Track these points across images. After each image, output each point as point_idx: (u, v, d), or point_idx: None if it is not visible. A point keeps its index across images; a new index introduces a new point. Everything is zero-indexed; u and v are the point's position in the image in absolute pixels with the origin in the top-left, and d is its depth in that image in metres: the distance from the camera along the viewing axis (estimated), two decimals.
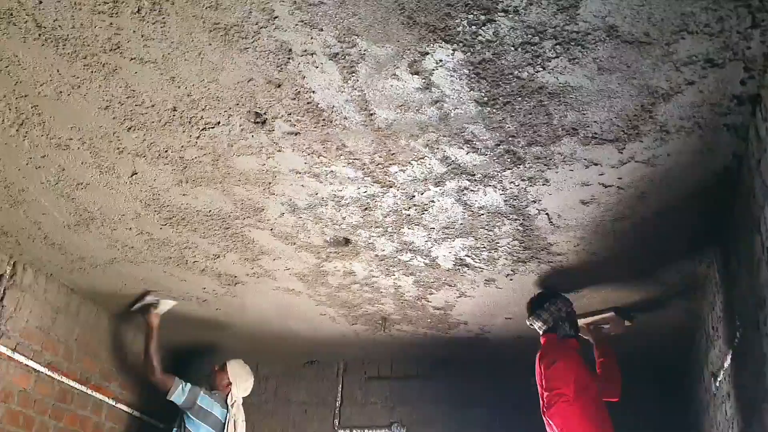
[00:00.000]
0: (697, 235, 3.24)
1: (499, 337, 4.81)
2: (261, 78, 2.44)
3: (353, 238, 3.56)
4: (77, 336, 4.59)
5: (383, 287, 4.15)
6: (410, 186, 3.05)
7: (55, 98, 2.65)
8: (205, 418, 4.55)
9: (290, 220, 3.43)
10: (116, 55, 2.38)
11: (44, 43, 2.35)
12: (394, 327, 4.81)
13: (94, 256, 4.00)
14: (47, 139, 2.91)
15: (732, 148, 2.60)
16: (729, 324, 3.10)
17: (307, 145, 2.81)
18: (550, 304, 3.70)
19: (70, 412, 4.50)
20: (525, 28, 2.11)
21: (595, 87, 2.34)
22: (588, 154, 2.70)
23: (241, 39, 2.26)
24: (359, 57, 2.31)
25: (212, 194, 3.23)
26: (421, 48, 2.24)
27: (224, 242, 3.70)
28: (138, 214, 3.47)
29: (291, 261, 3.88)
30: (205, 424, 4.53)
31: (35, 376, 4.18)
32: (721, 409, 3.48)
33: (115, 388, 5.00)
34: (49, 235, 3.75)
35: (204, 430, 4.52)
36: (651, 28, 2.08)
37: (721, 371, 3.35)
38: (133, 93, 2.58)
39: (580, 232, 3.29)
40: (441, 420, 5.29)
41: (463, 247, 3.54)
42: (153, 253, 3.89)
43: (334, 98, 2.52)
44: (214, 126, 2.74)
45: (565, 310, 3.71)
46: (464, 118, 2.56)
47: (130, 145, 2.91)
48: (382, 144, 2.77)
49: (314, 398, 5.63)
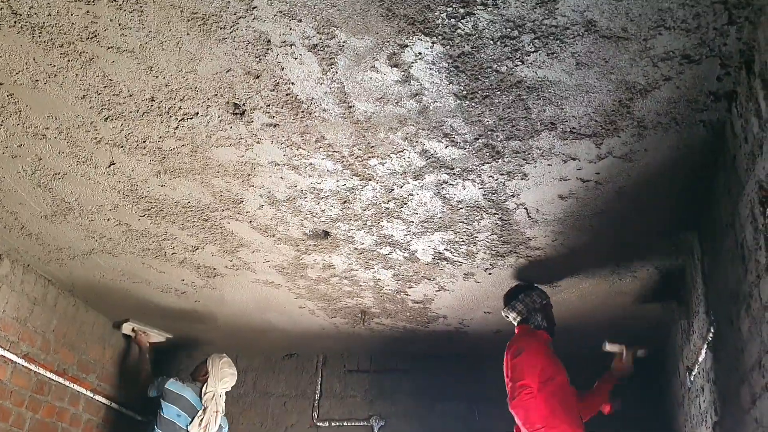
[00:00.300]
0: (673, 230, 3.28)
1: (477, 331, 4.84)
2: (239, 68, 2.43)
3: (332, 231, 3.56)
4: (54, 327, 4.55)
5: (362, 280, 4.15)
6: (389, 179, 3.05)
7: (31, 87, 2.62)
8: (175, 401, 4.64)
9: (269, 213, 3.42)
10: (93, 43, 2.36)
11: (20, 30, 2.33)
12: (374, 320, 4.81)
13: (72, 247, 3.96)
14: (23, 128, 2.88)
15: (708, 144, 2.62)
16: (704, 319, 3.13)
17: (286, 137, 2.81)
18: (525, 296, 3.72)
19: (47, 404, 4.46)
20: (504, 21, 2.12)
21: (574, 81, 2.35)
22: (566, 149, 2.72)
23: (220, 29, 2.25)
24: (338, 49, 2.30)
25: (191, 185, 3.22)
26: (400, 40, 2.24)
27: (203, 234, 3.68)
28: (116, 205, 3.44)
29: (270, 253, 3.87)
30: (175, 406, 4.62)
31: (12, 367, 4.14)
32: (695, 403, 3.52)
33: (93, 380, 4.97)
34: (26, 225, 3.71)
35: (174, 411, 4.61)
36: (629, 23, 2.09)
37: (696, 365, 3.39)
38: (110, 82, 2.56)
39: (559, 227, 3.31)
40: (420, 413, 5.31)
41: (442, 240, 3.55)
42: (131, 244, 3.86)
43: (313, 90, 2.52)
44: (193, 117, 2.72)
45: (540, 302, 3.71)
46: (443, 111, 2.56)
47: (108, 135, 2.89)
48: (362, 137, 2.77)
49: (293, 391, 5.62)
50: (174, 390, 4.66)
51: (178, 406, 4.61)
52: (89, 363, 4.93)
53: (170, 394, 4.65)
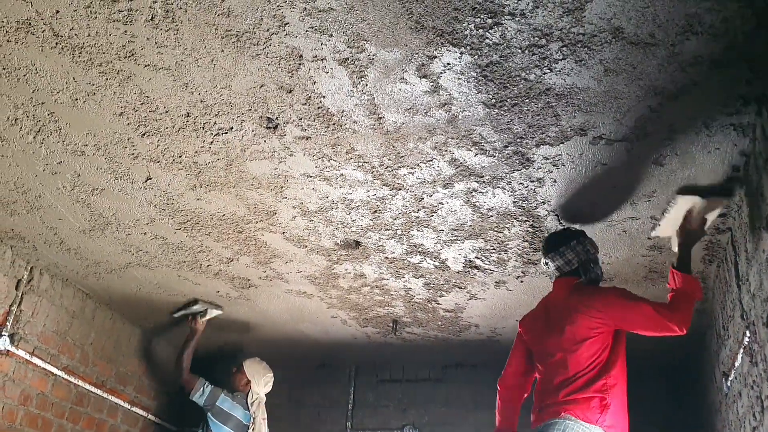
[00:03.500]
0: (708, 234, 3.25)
1: (510, 339, 4.79)
2: (272, 84, 2.49)
3: (363, 240, 3.60)
4: (92, 340, 4.64)
5: (393, 289, 4.18)
6: (419, 188, 3.08)
7: (71, 105, 2.70)
8: (226, 421, 4.59)
9: (302, 224, 3.47)
10: (130, 62, 2.44)
11: (61, 51, 2.41)
12: (405, 330, 4.84)
13: (109, 261, 4.05)
14: (63, 146, 2.97)
15: (739, 147, 2.62)
16: (739, 323, 3.11)
17: (318, 149, 2.86)
18: (577, 243, 3.02)
19: (86, 415, 4.55)
20: (531, 30, 2.15)
21: (602, 88, 2.37)
22: (597, 154, 2.73)
23: (253, 45, 2.31)
24: (368, 62, 2.35)
25: (225, 198, 3.28)
26: (429, 52, 2.28)
27: (237, 246, 3.75)
28: (152, 219, 3.52)
29: (302, 264, 3.92)
30: (226, 427, 4.57)
31: (53, 379, 4.24)
32: (732, 409, 3.48)
33: (131, 392, 5.06)
34: (65, 240, 3.81)
35: (225, 430, 4.56)
36: (656, 29, 2.10)
37: (732, 370, 3.36)
38: (147, 99, 2.64)
39: (591, 232, 3.31)
40: (453, 422, 5.32)
41: (472, 249, 3.57)
42: (167, 257, 3.94)
43: (343, 102, 2.56)
44: (227, 131, 2.79)
45: (593, 253, 3.06)
46: (472, 120, 2.59)
47: (145, 151, 2.96)
48: (391, 147, 2.81)
49: (327, 401, 5.66)
50: (225, 409, 4.63)
51: (229, 426, 4.59)
52: (126, 375, 5.02)
53: (221, 412, 4.61)
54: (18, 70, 2.53)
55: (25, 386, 4.01)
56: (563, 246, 3.02)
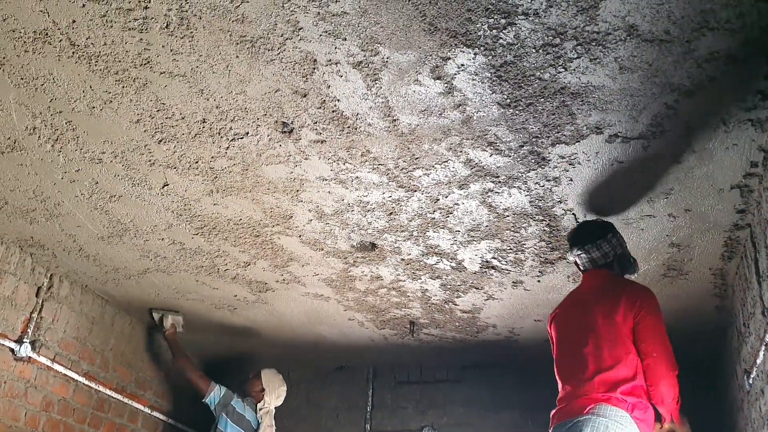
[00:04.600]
0: (725, 230, 3.23)
1: (528, 339, 4.82)
2: (287, 88, 2.50)
3: (379, 242, 3.60)
4: (112, 346, 4.68)
5: (410, 291, 4.18)
6: (434, 189, 3.08)
7: (88, 113, 2.73)
8: (239, 422, 4.66)
9: (318, 227, 3.48)
10: (146, 69, 2.46)
11: (78, 60, 2.43)
12: (423, 331, 4.83)
13: (128, 267, 4.08)
14: (81, 154, 2.99)
15: (757, 143, 2.59)
16: (760, 320, 3.08)
17: (333, 152, 2.86)
18: (613, 236, 2.95)
19: (107, 421, 4.59)
20: (545, 30, 2.14)
21: (618, 86, 2.36)
22: (613, 152, 2.71)
23: (267, 51, 2.32)
24: (382, 64, 2.35)
25: (242, 203, 3.30)
26: (443, 53, 2.28)
27: (254, 250, 3.76)
28: (170, 225, 3.54)
29: (319, 267, 3.93)
30: (239, 427, 4.63)
31: (74, 385, 4.27)
32: (755, 406, 3.45)
33: (150, 397, 5.09)
34: (84, 247, 3.84)
35: (236, 430, 4.62)
36: (671, 26, 2.09)
37: (754, 368, 3.33)
38: (163, 106, 2.65)
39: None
40: (472, 423, 5.31)
41: (489, 249, 3.56)
42: (185, 262, 3.96)
43: (358, 106, 2.57)
44: (243, 136, 2.80)
45: (626, 246, 3.00)
46: (487, 120, 2.59)
47: (161, 157, 2.98)
48: (406, 149, 2.81)
49: (345, 403, 5.67)
50: (238, 410, 4.70)
51: (241, 426, 4.66)
52: (146, 380, 5.06)
53: (235, 413, 4.68)
54: (36, 79, 2.56)
55: (47, 392, 4.05)
56: (601, 239, 2.94)
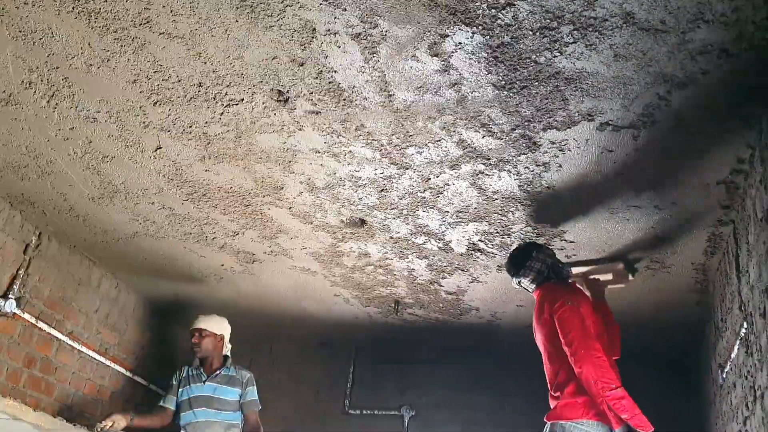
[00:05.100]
0: (708, 226, 3.27)
1: (509, 324, 4.87)
2: (285, 56, 2.51)
3: (369, 219, 3.63)
4: (97, 308, 4.70)
5: (397, 270, 4.22)
6: (426, 168, 3.11)
7: (85, 71, 2.73)
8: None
9: (308, 199, 3.50)
10: (145, 29, 2.46)
11: (77, 15, 2.44)
12: (407, 311, 4.88)
13: (117, 230, 4.10)
14: (76, 111, 3.00)
15: (745, 139, 2.63)
16: (737, 314, 3.13)
17: (327, 124, 2.88)
18: (538, 252, 3.27)
19: (89, 382, 4.62)
20: (543, 12, 2.16)
21: (611, 73, 2.39)
22: (603, 140, 2.75)
23: (267, 17, 2.33)
24: (381, 37, 2.37)
25: (234, 171, 3.31)
26: (441, 30, 2.30)
27: (244, 219, 3.78)
28: (161, 189, 3.56)
29: (308, 240, 3.96)
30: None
31: (57, 344, 4.30)
32: (726, 400, 3.52)
33: (133, 361, 5.12)
34: (74, 207, 3.85)
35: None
36: (667, 15, 2.12)
37: (728, 362, 3.39)
38: (160, 68, 2.66)
39: (594, 220, 3.33)
40: (450, 404, 5.37)
41: (476, 231, 3.60)
42: (174, 228, 3.98)
43: (355, 78, 2.59)
44: (238, 103, 2.81)
45: (554, 254, 3.34)
46: (481, 101, 2.61)
47: (156, 120, 2.99)
48: (400, 125, 2.83)
49: (326, 379, 5.72)
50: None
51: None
52: (130, 344, 5.09)
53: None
54: (34, 33, 2.56)
55: (30, 349, 4.07)
56: (528, 260, 3.26)
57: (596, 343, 2.91)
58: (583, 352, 2.89)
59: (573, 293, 3.17)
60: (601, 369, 2.86)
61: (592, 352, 2.88)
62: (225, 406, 4.33)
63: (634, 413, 2.80)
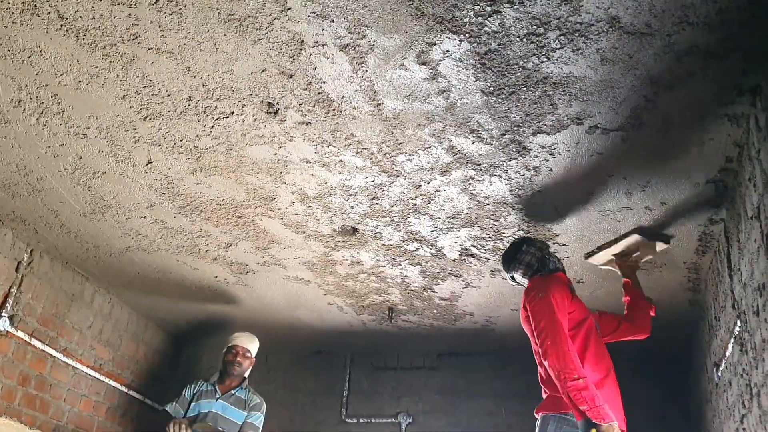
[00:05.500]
0: (699, 225, 3.30)
1: (505, 328, 4.87)
2: (274, 68, 2.52)
3: (361, 227, 3.64)
4: (91, 323, 4.68)
5: (390, 277, 4.22)
6: (417, 175, 3.12)
7: (74, 87, 2.73)
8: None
9: (300, 209, 3.51)
10: (134, 45, 2.47)
11: (65, 33, 2.44)
12: (401, 317, 4.88)
13: (109, 245, 4.09)
14: (66, 128, 3.00)
15: (733, 138, 2.66)
16: (731, 313, 3.16)
17: (318, 134, 2.89)
18: (528, 246, 3.20)
19: (85, 398, 4.60)
20: (530, 19, 2.18)
21: (599, 77, 2.41)
22: (593, 143, 2.77)
23: (255, 30, 2.34)
24: (369, 48, 2.38)
25: (225, 183, 3.32)
26: (429, 39, 2.31)
27: (236, 231, 3.78)
28: (152, 203, 3.55)
29: (300, 250, 3.96)
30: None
31: (51, 361, 4.28)
32: (723, 398, 3.54)
33: (128, 376, 5.10)
34: (66, 223, 3.84)
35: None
36: (652, 19, 2.14)
37: (723, 360, 3.41)
38: (149, 83, 2.67)
39: (585, 222, 3.35)
40: (447, 410, 5.37)
41: (468, 237, 3.61)
42: (166, 241, 3.97)
43: (344, 88, 2.60)
44: (228, 116, 2.82)
45: (545, 248, 3.25)
46: (470, 107, 2.63)
47: (146, 134, 2.99)
48: (390, 134, 2.84)
49: (322, 388, 5.71)
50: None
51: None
52: (124, 359, 5.07)
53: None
54: (23, 51, 2.56)
55: (24, 367, 4.05)
56: (518, 254, 3.19)
57: (563, 335, 2.84)
58: (549, 343, 2.83)
59: (548, 285, 3.06)
60: (564, 360, 2.77)
61: (558, 344, 2.82)
62: (231, 427, 4.28)
63: (593, 405, 2.68)
